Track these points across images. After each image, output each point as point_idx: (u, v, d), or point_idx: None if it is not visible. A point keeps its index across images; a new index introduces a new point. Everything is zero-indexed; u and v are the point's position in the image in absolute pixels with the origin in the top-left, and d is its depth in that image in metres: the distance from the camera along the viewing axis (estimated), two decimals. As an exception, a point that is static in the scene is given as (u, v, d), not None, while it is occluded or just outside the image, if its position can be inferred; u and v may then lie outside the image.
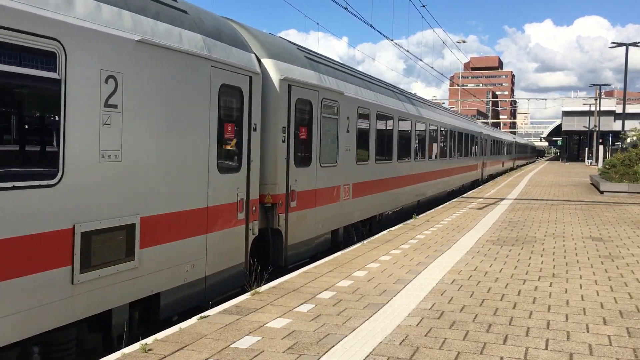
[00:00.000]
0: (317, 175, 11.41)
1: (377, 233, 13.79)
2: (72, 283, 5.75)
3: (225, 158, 8.46)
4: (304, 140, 10.91)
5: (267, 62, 9.90)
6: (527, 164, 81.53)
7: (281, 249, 10.13)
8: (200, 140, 7.80)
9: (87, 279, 5.91)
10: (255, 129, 9.15)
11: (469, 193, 26.76)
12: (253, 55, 9.30)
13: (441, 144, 24.03)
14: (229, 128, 8.48)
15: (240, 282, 8.80)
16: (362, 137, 14.04)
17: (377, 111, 15.11)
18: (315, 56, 12.39)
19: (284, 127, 10.09)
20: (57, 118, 5.58)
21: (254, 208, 9.26)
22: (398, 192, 17.36)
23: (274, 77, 9.90)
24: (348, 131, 13.00)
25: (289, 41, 11.90)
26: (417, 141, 19.70)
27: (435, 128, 22.60)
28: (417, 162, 19.73)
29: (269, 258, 10.06)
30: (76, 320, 5.91)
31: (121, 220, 6.36)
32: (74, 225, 5.74)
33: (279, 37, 12.12)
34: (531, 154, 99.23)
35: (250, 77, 8.99)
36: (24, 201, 5.23)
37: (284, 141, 10.05)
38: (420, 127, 20.13)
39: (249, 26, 10.42)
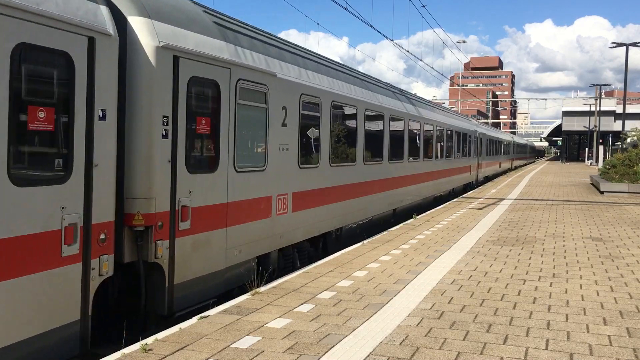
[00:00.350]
0: (231, 183, 8.54)
1: (336, 251, 11.56)
2: None
3: (31, 162, 5.69)
4: (206, 136, 8.09)
5: (137, 22, 6.97)
6: (525, 164, 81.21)
7: (162, 291, 7.28)
8: None
9: None
10: (103, 117, 6.29)
11: (469, 193, 26.75)
12: (103, 7, 6.39)
13: (425, 143, 20.85)
14: (41, 115, 5.64)
15: (73, 349, 6.03)
16: (308, 133, 11.20)
17: (333, 100, 12.22)
18: (233, 23, 9.45)
19: (166, 117, 7.22)
20: None
21: (102, 236, 6.31)
22: (364, 201, 14.37)
23: (147, 43, 6.96)
24: (285, 125, 10.18)
25: (194, 1, 8.82)
26: (392, 140, 16.53)
27: (418, 125, 19.54)
28: (393, 164, 16.76)
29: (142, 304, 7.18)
30: None
31: None
32: None
33: None
34: (530, 154, 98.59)
35: (92, 39, 6.10)
36: None
37: (165, 136, 7.20)
38: (397, 123, 17.06)
39: None
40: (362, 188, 14.23)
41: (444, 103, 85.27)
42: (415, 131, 19.45)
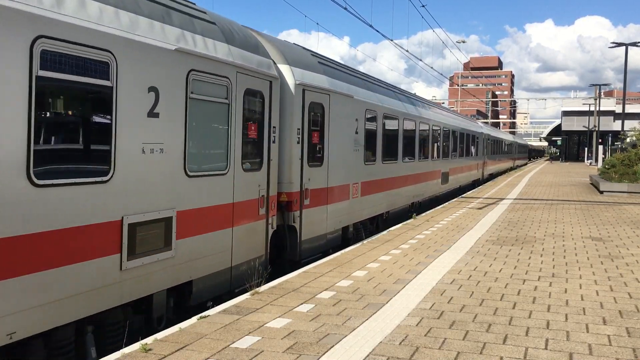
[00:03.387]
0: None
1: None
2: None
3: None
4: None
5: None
6: (526, 164, 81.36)
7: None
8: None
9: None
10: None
11: (468, 193, 26.77)
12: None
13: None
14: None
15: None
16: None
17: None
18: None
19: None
20: None
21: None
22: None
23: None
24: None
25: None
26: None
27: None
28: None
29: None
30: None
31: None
32: None
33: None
34: (524, 154, 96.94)
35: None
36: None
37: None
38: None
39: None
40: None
41: (443, 103, 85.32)
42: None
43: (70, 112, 6.08)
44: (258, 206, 9.42)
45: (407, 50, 29.16)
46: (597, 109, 73.18)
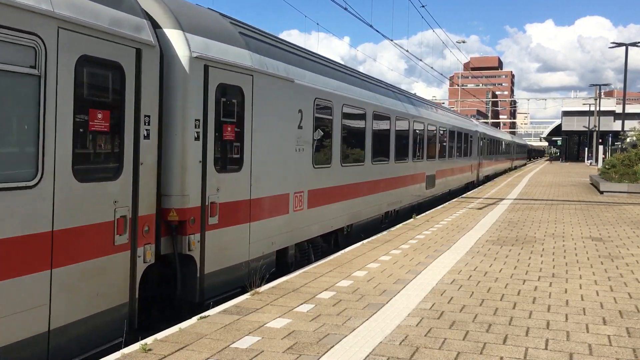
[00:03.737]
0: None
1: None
2: None
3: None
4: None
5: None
6: (524, 164, 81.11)
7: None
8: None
9: None
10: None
11: (468, 193, 26.76)
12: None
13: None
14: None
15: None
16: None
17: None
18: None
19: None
20: None
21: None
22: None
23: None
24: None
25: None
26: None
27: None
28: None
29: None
30: None
31: None
32: None
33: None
34: (522, 154, 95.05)
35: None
36: None
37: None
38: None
39: None
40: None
41: (443, 103, 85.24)
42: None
43: None
44: (113, 233, 6.41)
45: (407, 51, 29.18)
46: (597, 109, 73.18)
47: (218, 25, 8.73)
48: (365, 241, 12.41)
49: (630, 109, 74.33)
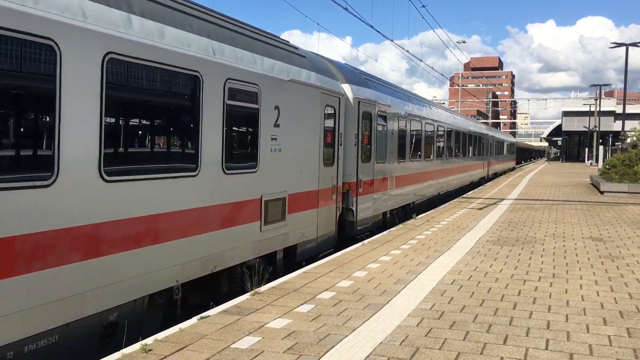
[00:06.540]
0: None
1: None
2: None
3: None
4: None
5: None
6: (512, 169, 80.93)
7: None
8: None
9: None
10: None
11: (468, 193, 26.77)
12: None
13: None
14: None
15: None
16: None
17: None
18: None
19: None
20: None
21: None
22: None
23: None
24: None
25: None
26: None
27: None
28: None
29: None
30: None
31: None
32: None
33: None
34: (511, 154, 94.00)
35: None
36: None
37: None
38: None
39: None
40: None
41: (444, 103, 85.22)
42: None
43: None
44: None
45: (407, 51, 29.14)
46: (598, 109, 73.17)
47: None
48: (365, 241, 12.42)
49: (631, 109, 74.35)
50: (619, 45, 53.43)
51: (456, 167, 27.64)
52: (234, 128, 8.66)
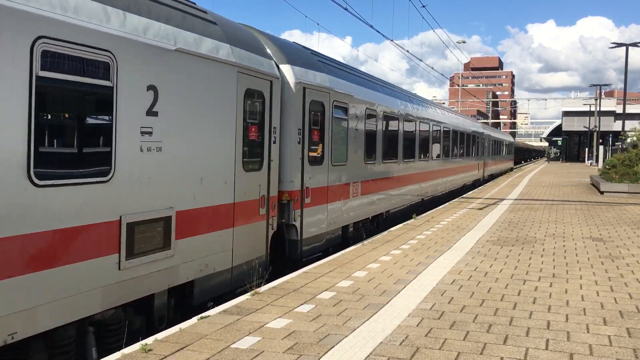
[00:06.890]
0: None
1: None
2: None
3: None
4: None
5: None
6: (510, 169, 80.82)
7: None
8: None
9: None
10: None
11: (468, 193, 26.77)
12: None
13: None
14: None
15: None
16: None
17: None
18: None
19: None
20: None
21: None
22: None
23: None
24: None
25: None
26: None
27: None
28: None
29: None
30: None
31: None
32: None
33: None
34: (509, 155, 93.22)
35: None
36: None
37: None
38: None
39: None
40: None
41: (444, 103, 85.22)
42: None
43: None
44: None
45: (407, 51, 29.15)
46: (598, 109, 73.17)
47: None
48: (365, 241, 12.41)
49: (631, 109, 74.33)
50: (619, 45, 53.44)
51: (444, 169, 24.30)
52: (58, 114, 5.98)
